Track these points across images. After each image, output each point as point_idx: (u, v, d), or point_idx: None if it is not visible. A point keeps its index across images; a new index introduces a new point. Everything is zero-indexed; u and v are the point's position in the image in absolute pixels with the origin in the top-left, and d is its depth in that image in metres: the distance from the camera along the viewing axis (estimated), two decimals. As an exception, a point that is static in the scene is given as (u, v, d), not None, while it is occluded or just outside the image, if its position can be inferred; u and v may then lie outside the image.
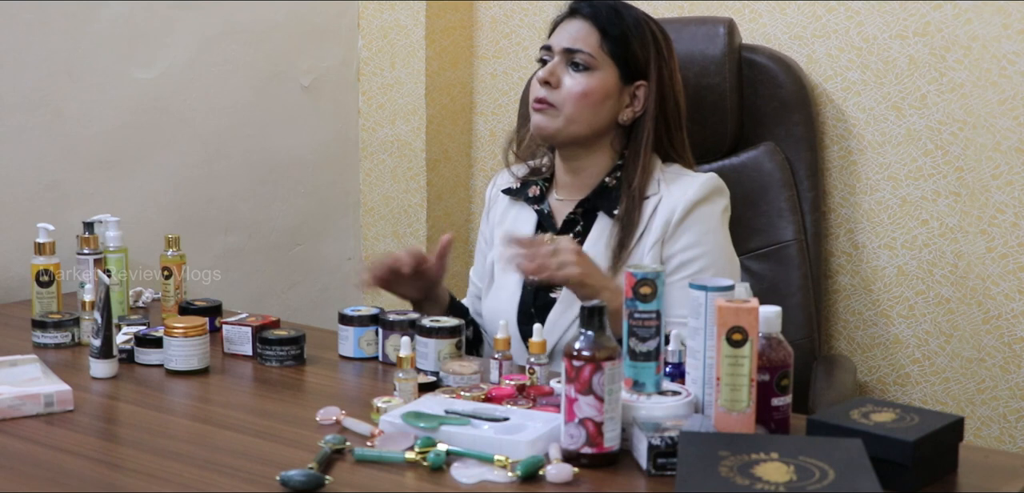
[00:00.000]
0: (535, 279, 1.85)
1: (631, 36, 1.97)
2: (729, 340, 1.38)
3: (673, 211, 1.93)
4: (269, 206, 2.81)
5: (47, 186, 2.40)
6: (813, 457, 1.24)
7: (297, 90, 2.83)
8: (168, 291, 2.16)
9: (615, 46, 1.96)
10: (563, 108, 1.96)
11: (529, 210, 2.06)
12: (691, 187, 1.95)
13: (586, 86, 1.95)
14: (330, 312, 2.26)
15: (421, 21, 2.82)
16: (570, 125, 1.97)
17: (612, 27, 1.97)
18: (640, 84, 1.98)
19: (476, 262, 2.22)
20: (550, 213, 2.04)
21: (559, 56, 1.97)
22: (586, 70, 1.96)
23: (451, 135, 2.92)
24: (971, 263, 2.26)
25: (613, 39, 1.96)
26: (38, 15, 2.35)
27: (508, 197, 2.11)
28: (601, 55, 1.96)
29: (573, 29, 1.98)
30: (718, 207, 1.97)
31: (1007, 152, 2.20)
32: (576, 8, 2.00)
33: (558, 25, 2.02)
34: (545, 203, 2.05)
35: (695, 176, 1.98)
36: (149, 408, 1.69)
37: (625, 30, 1.97)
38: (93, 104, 2.46)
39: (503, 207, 2.12)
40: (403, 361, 1.64)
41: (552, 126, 1.97)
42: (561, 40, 1.98)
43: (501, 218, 2.12)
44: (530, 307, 1.99)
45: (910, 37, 2.28)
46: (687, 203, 1.93)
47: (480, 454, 1.39)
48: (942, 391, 2.32)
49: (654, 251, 1.93)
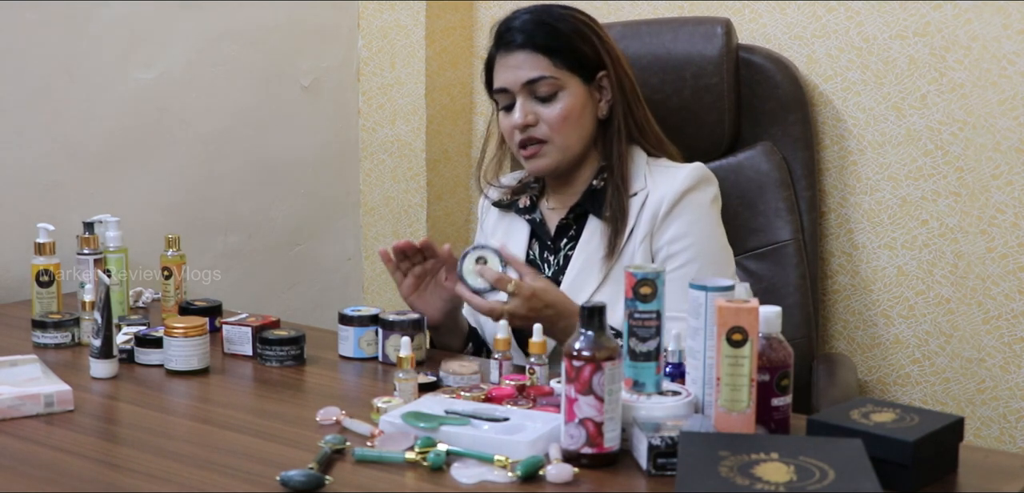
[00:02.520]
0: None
1: (573, 40, 1.96)
2: (729, 340, 1.38)
3: (661, 202, 1.93)
4: (269, 206, 2.81)
5: (47, 186, 2.40)
6: (813, 457, 1.24)
7: (297, 90, 2.83)
8: (168, 291, 2.16)
9: (565, 57, 1.95)
10: (552, 140, 1.96)
11: (521, 221, 2.06)
12: (677, 177, 1.95)
13: (563, 109, 1.95)
14: (330, 312, 2.26)
15: (421, 21, 2.82)
16: (565, 152, 1.97)
17: (553, 41, 1.95)
18: (601, 74, 1.99)
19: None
20: (543, 221, 2.04)
21: (521, 94, 1.96)
22: (554, 95, 1.95)
23: (451, 135, 2.92)
24: (971, 263, 2.26)
25: (560, 52, 1.95)
26: (38, 15, 2.35)
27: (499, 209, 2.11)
28: (559, 72, 1.95)
29: (518, 62, 1.95)
30: (707, 195, 1.97)
31: (1007, 152, 2.20)
32: (508, 41, 1.97)
33: (495, 64, 2.00)
34: (537, 212, 2.05)
35: (681, 166, 1.99)
36: (149, 408, 1.69)
37: (565, 38, 1.95)
38: (93, 104, 2.46)
39: (494, 219, 2.12)
40: (403, 361, 1.64)
41: (550, 162, 1.97)
42: (513, 78, 1.95)
43: (493, 230, 2.12)
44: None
45: (910, 37, 2.28)
46: (674, 193, 1.93)
47: (480, 454, 1.39)
48: (942, 391, 2.32)
49: (644, 246, 1.92)
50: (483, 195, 2.15)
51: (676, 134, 2.11)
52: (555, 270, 2.00)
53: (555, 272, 2.00)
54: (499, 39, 2.00)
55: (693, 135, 2.26)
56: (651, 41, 2.32)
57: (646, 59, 2.28)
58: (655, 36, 2.33)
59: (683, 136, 2.16)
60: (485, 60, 2.05)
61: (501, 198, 2.10)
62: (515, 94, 1.96)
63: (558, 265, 2.00)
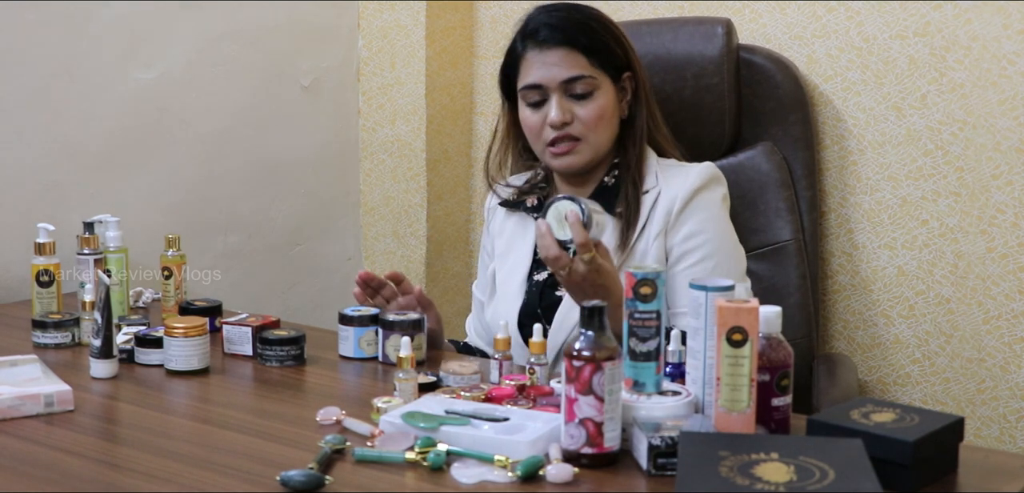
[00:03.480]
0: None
1: (606, 38, 1.98)
2: (729, 340, 1.38)
3: (673, 201, 1.94)
4: (269, 206, 2.81)
5: (47, 186, 2.40)
6: (813, 457, 1.24)
7: (297, 90, 2.83)
8: (168, 291, 2.16)
9: (600, 57, 1.97)
10: (586, 138, 1.97)
11: (529, 220, 2.06)
12: (690, 176, 1.96)
13: (599, 109, 1.96)
14: (330, 312, 2.26)
15: (421, 21, 2.82)
16: (597, 151, 1.99)
17: (590, 40, 1.96)
18: (626, 75, 2.00)
19: (479, 276, 2.21)
20: None
21: (557, 92, 1.95)
22: (590, 94, 1.96)
23: (451, 135, 2.92)
24: (971, 263, 2.26)
25: (596, 52, 1.96)
26: (38, 15, 2.35)
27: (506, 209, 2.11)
28: (595, 72, 1.96)
29: (556, 59, 1.95)
30: (717, 194, 1.98)
31: (1007, 152, 2.20)
32: (544, 38, 1.96)
33: (522, 60, 1.99)
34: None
35: (692, 166, 2.00)
36: (149, 408, 1.69)
37: (599, 36, 1.97)
38: (93, 104, 2.46)
39: (501, 218, 2.12)
40: (403, 361, 1.64)
41: (581, 160, 1.98)
42: (551, 75, 1.95)
43: (500, 229, 2.12)
44: (536, 308, 1.99)
45: (910, 37, 2.28)
46: (687, 191, 1.94)
47: (480, 454, 1.39)
48: (942, 391, 2.32)
49: (658, 242, 1.93)
50: (491, 192, 2.15)
51: (677, 134, 2.12)
52: None
53: None
54: (531, 35, 1.98)
55: (694, 135, 2.25)
56: (651, 41, 2.32)
57: (646, 59, 2.27)
58: (655, 36, 2.33)
59: (684, 136, 2.16)
60: (507, 53, 2.03)
61: (509, 197, 2.10)
62: (550, 91, 1.96)
63: None
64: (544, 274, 2.00)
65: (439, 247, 2.93)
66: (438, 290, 2.92)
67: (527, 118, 2.00)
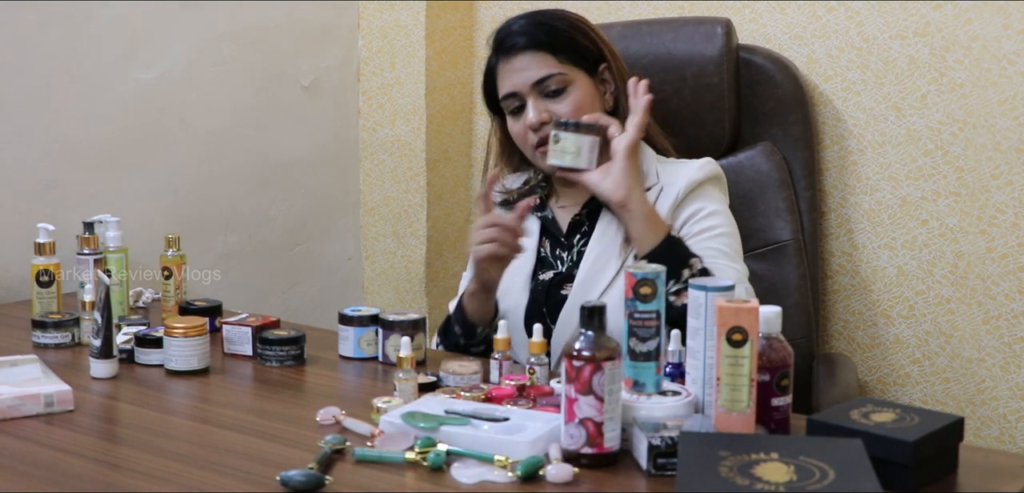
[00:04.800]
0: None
1: (572, 35, 1.99)
2: (729, 340, 1.38)
3: (678, 191, 1.95)
4: (269, 206, 2.81)
5: (47, 186, 2.40)
6: (813, 457, 1.24)
7: (297, 90, 2.83)
8: (168, 291, 2.16)
9: (568, 52, 1.98)
10: None
11: (531, 219, 2.06)
12: (691, 167, 1.99)
13: (575, 103, 1.97)
14: (330, 312, 2.26)
15: (421, 21, 2.82)
16: None
17: (554, 38, 1.97)
18: (602, 66, 2.01)
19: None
20: (554, 219, 2.04)
21: (531, 95, 1.97)
22: (563, 90, 1.97)
23: (451, 135, 2.92)
24: (971, 263, 2.26)
25: (562, 48, 1.97)
26: (38, 15, 2.35)
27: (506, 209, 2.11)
28: (565, 68, 1.97)
29: (523, 64, 1.97)
30: (718, 188, 2.01)
31: (1007, 152, 2.20)
32: (510, 47, 1.99)
33: (497, 73, 2.02)
34: (548, 209, 2.06)
35: (691, 161, 2.02)
36: (149, 408, 1.69)
37: (564, 34, 1.98)
38: (93, 104, 2.46)
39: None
40: (403, 361, 1.64)
41: None
42: (521, 79, 1.97)
43: None
44: (542, 305, 1.99)
45: (910, 37, 2.28)
46: (690, 181, 1.96)
47: (480, 454, 1.39)
48: (942, 391, 2.32)
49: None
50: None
51: (676, 134, 2.12)
52: (569, 265, 2.00)
53: (569, 268, 2.00)
54: (499, 46, 2.01)
55: (693, 135, 2.26)
56: (651, 41, 2.32)
57: (646, 59, 2.28)
58: (655, 36, 2.33)
59: (684, 136, 2.16)
60: (484, 72, 2.06)
61: (508, 197, 2.10)
62: (525, 96, 1.98)
63: (572, 261, 2.00)
64: (548, 273, 2.01)
65: (439, 247, 2.93)
66: (438, 290, 2.92)
67: (513, 127, 2.03)
